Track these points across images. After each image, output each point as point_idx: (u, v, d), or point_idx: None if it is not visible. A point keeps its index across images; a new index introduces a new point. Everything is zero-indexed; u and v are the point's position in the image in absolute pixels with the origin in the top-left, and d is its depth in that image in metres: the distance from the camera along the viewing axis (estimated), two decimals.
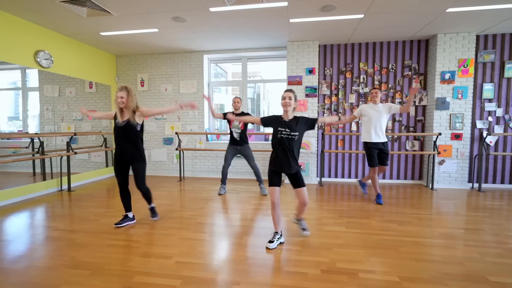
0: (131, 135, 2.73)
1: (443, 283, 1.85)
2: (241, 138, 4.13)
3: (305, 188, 2.42)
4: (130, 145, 2.75)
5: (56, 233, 2.71)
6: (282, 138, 2.34)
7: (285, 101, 2.35)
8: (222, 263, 2.12)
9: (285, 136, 2.34)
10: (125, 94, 2.68)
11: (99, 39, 4.83)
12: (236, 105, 4.17)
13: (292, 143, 2.35)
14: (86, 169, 5.53)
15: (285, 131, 2.34)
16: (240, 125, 4.10)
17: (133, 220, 3.00)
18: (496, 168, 4.70)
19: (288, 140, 2.34)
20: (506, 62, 4.53)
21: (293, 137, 2.34)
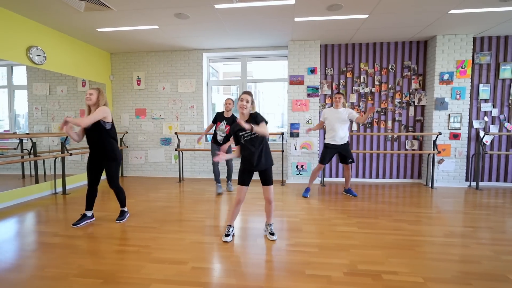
0: (99, 134, 2.72)
1: (467, 283, 1.85)
2: (224, 140, 4.12)
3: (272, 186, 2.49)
4: (99, 144, 2.75)
5: (57, 239, 2.55)
6: (246, 141, 2.38)
7: (241, 104, 2.34)
8: (241, 267, 2.05)
9: (248, 137, 2.36)
10: (95, 92, 2.70)
11: (94, 36, 4.64)
12: (228, 107, 4.12)
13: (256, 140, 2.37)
14: (79, 170, 5.29)
15: (246, 133, 2.36)
16: (226, 130, 4.08)
17: (92, 218, 3.03)
18: (492, 166, 4.83)
19: (252, 139, 2.36)
20: (501, 64, 4.66)
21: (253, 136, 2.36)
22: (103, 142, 2.76)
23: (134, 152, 5.75)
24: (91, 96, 2.70)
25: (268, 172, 2.47)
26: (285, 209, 3.46)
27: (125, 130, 5.73)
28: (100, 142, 2.76)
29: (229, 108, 4.12)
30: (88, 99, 2.69)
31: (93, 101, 2.71)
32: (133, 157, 5.77)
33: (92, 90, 2.72)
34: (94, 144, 2.78)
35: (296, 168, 5.08)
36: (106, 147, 2.78)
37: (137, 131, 5.71)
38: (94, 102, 2.71)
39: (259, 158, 2.40)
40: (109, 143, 2.78)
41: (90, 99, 2.70)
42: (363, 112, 5.05)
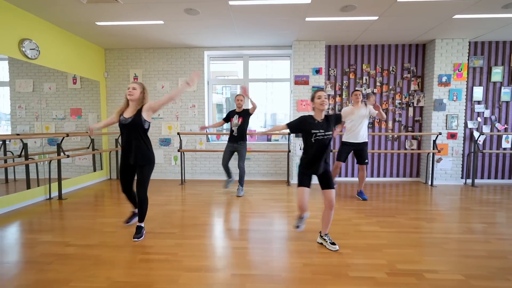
0: (138, 134, 2.47)
1: (505, 278, 1.91)
2: (239, 134, 4.03)
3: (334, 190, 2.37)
4: (138, 145, 2.47)
5: (71, 249, 2.34)
6: (318, 140, 2.27)
7: (321, 100, 2.27)
8: (282, 272, 1.98)
9: (320, 137, 2.27)
10: (138, 86, 2.46)
11: (91, 30, 4.35)
12: (239, 103, 4.07)
13: (326, 142, 2.30)
14: (69, 173, 4.94)
15: (319, 132, 2.27)
16: (239, 121, 4.04)
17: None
18: (484, 164, 5.11)
19: (323, 141, 2.28)
20: (493, 67, 4.95)
21: (327, 137, 2.29)
22: (143, 142, 2.50)
23: None
24: (134, 90, 2.42)
25: (328, 174, 2.36)
26: (293, 211, 3.42)
27: None
28: (139, 142, 2.47)
29: (241, 105, 4.07)
30: (130, 93, 2.41)
31: (135, 96, 2.43)
32: None
33: (135, 84, 2.45)
34: (131, 144, 2.46)
35: None
36: (144, 148, 2.52)
37: None
38: (137, 97, 2.44)
39: (324, 162, 2.31)
40: (148, 144, 2.55)
41: (132, 94, 2.41)
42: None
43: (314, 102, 2.33)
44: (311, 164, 2.32)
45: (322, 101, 2.27)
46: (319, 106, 2.29)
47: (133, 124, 2.42)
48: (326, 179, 2.35)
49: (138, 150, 2.47)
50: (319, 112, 2.32)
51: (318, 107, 2.30)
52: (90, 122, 5.19)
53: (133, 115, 2.44)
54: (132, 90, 2.43)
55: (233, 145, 4.10)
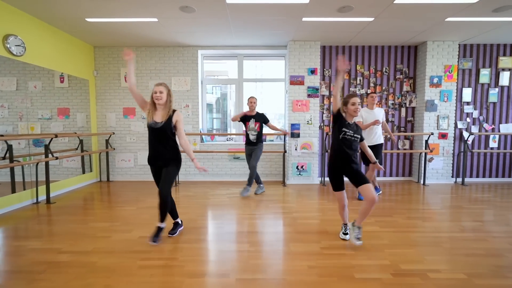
0: (169, 138, 2.43)
1: (504, 276, 1.95)
2: (257, 139, 4.08)
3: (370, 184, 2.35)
4: (168, 148, 2.44)
5: (65, 256, 2.22)
6: (345, 139, 2.34)
7: (356, 107, 2.32)
8: (288, 276, 1.95)
9: (348, 137, 2.34)
10: (165, 89, 2.37)
11: (80, 26, 4.18)
12: (252, 106, 4.04)
13: (354, 144, 2.38)
14: (56, 176, 4.74)
15: (348, 132, 2.33)
16: (256, 127, 4.03)
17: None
18: (473, 163, 5.26)
19: (351, 141, 2.36)
20: (481, 69, 5.10)
21: (355, 139, 2.37)
22: (172, 143, 2.46)
23: (121, 155, 5.31)
24: (161, 94, 2.32)
25: (359, 171, 2.38)
26: (300, 211, 3.42)
27: (111, 130, 5.27)
28: (169, 144, 2.44)
29: (253, 107, 4.05)
30: (159, 98, 2.32)
31: (163, 100, 2.35)
32: (120, 160, 5.33)
33: (161, 87, 2.35)
34: (161, 147, 2.42)
35: (297, 168, 5.07)
36: (173, 148, 2.47)
37: (125, 131, 5.28)
38: (165, 101, 2.36)
39: (353, 162, 2.37)
40: (176, 144, 2.51)
41: (160, 98, 2.32)
42: None
43: (347, 107, 2.35)
44: (341, 161, 2.37)
45: (356, 109, 2.31)
46: (353, 113, 2.34)
47: (164, 130, 2.38)
48: (357, 176, 2.36)
49: (167, 151, 2.45)
50: (350, 118, 2.39)
51: (352, 113, 2.34)
52: (78, 122, 5.00)
53: (165, 121, 2.38)
54: (159, 94, 2.33)
55: (251, 148, 4.12)
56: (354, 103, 2.31)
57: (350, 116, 2.38)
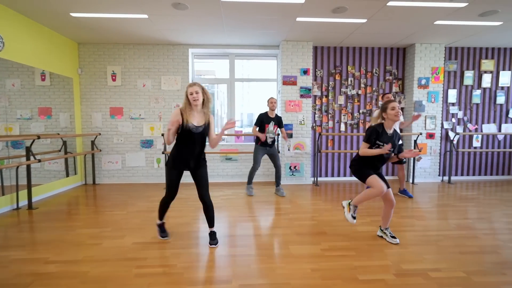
0: (204, 141, 2.35)
1: (501, 272, 2.00)
2: (272, 142, 4.08)
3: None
4: (200, 152, 2.35)
5: (53, 267, 2.08)
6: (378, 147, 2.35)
7: (396, 111, 2.29)
8: (291, 280, 1.90)
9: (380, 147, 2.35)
10: (200, 89, 2.24)
11: (64, 22, 3.97)
12: (273, 106, 4.03)
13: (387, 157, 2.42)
14: (38, 180, 4.47)
15: (382, 145, 2.31)
16: (275, 130, 4.03)
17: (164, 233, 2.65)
18: (458, 162, 5.45)
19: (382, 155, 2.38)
20: (465, 72, 5.29)
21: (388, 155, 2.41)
22: (204, 146, 2.36)
23: (108, 157, 5.09)
24: (198, 95, 2.19)
25: (382, 176, 2.48)
26: (296, 212, 3.39)
27: (98, 131, 5.04)
28: (203, 148, 2.35)
29: (274, 108, 4.02)
30: (196, 99, 2.18)
31: (201, 101, 2.23)
32: (107, 162, 5.11)
33: (197, 87, 2.20)
34: (197, 150, 2.30)
35: (290, 169, 5.06)
36: (204, 153, 2.39)
37: (112, 132, 5.07)
38: (201, 101, 2.24)
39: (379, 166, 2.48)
40: (204, 149, 2.41)
41: (197, 99, 2.19)
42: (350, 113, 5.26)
43: (387, 113, 2.32)
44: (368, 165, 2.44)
45: (397, 112, 2.28)
46: (394, 118, 2.31)
47: (204, 134, 2.30)
48: (382, 180, 2.41)
49: (200, 155, 2.36)
50: (391, 123, 2.35)
51: (393, 118, 2.31)
52: (61, 122, 4.75)
53: (204, 124, 2.28)
54: (196, 94, 2.19)
55: (266, 149, 4.07)
56: (394, 108, 2.29)
57: (391, 122, 2.34)
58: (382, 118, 2.37)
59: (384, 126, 2.37)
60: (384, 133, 2.35)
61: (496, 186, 4.86)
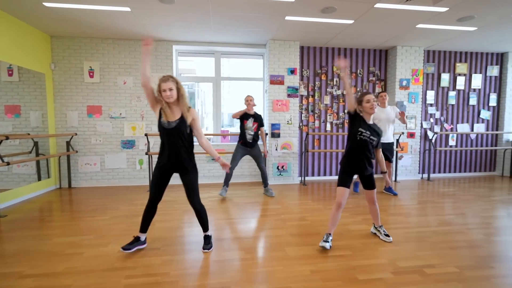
0: (184, 139, 2.15)
1: (490, 266, 2.08)
2: (253, 139, 3.96)
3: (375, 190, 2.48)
4: (183, 151, 2.16)
5: (29, 282, 1.87)
6: (361, 140, 2.29)
7: (371, 104, 2.27)
8: (292, 283, 1.85)
9: (364, 138, 2.29)
10: (174, 84, 2.07)
11: (35, 11, 3.65)
12: (250, 104, 3.93)
13: (369, 145, 2.34)
14: (5, 184, 4.10)
15: (365, 133, 2.28)
16: (254, 127, 3.91)
17: (144, 244, 2.37)
18: (435, 160, 5.72)
19: (366, 142, 2.31)
20: (442, 74, 5.56)
21: (371, 141, 2.33)
22: (188, 147, 2.20)
23: (85, 158, 4.77)
24: (171, 92, 2.03)
25: (372, 176, 2.45)
26: (287, 212, 3.36)
27: (73, 131, 4.71)
28: (184, 148, 2.16)
29: (250, 105, 3.91)
30: (169, 96, 2.03)
31: (174, 98, 2.06)
32: (84, 164, 4.79)
33: (170, 82, 2.04)
34: (176, 149, 2.13)
35: (277, 169, 5.03)
36: (190, 153, 2.20)
37: (90, 132, 4.76)
38: (175, 98, 2.07)
39: (368, 164, 2.38)
40: (192, 148, 2.24)
41: (172, 96, 2.04)
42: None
43: (362, 106, 2.30)
44: (355, 162, 2.35)
45: (372, 105, 2.26)
46: (369, 111, 2.28)
47: (179, 130, 2.10)
48: (369, 180, 2.45)
49: (183, 156, 2.17)
50: (368, 116, 2.33)
51: (368, 111, 2.29)
52: (32, 121, 4.38)
53: (178, 119, 2.11)
54: (169, 92, 2.03)
55: (247, 149, 3.96)
56: (369, 100, 2.27)
57: (368, 115, 2.33)
58: (359, 111, 2.36)
59: (366, 119, 2.35)
60: (363, 122, 2.32)
61: (470, 182, 5.15)
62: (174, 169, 2.22)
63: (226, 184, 4.04)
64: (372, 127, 2.33)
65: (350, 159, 2.38)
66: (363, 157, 2.34)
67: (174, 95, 2.07)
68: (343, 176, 2.39)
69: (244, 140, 3.92)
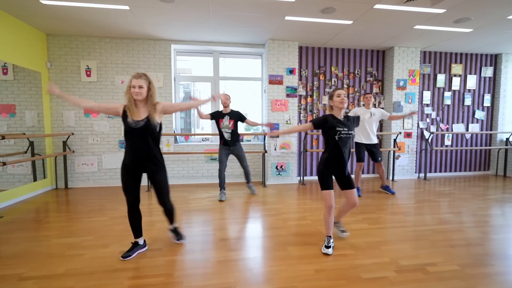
0: (151, 139, 2.10)
1: (489, 264, 2.12)
2: (232, 138, 3.87)
3: (355, 189, 2.39)
4: (149, 151, 2.12)
5: (30, 284, 1.84)
6: (341, 138, 2.25)
7: (341, 99, 2.25)
8: (297, 283, 1.86)
9: (344, 135, 2.25)
10: (145, 82, 2.04)
11: (32, 9, 3.59)
12: (226, 103, 3.86)
13: (349, 141, 2.30)
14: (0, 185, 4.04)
15: (343, 130, 2.25)
16: (230, 124, 3.84)
17: (144, 247, 2.34)
18: (432, 159, 5.79)
19: (346, 139, 2.27)
20: (438, 75, 5.63)
21: (350, 136, 2.29)
22: (156, 147, 2.16)
23: (82, 158, 4.71)
24: (141, 89, 1.99)
25: (350, 177, 2.37)
26: (288, 212, 3.37)
27: (70, 131, 4.64)
28: (153, 148, 2.12)
29: (227, 104, 3.85)
30: (138, 93, 1.99)
31: (144, 96, 2.02)
32: (81, 164, 4.72)
33: (141, 80, 2.01)
34: (143, 149, 2.09)
35: (276, 168, 5.04)
36: (158, 153, 2.17)
37: (87, 132, 4.70)
38: (145, 96, 2.04)
39: (346, 162, 2.31)
40: (159, 149, 2.20)
41: (140, 94, 2.00)
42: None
43: (333, 100, 2.28)
44: (336, 163, 2.29)
45: (342, 99, 2.24)
46: (339, 105, 2.26)
47: (146, 129, 2.05)
48: (347, 180, 2.35)
49: (151, 156, 2.13)
50: (338, 110, 2.30)
51: (338, 105, 2.26)
52: (27, 121, 4.30)
53: (145, 118, 2.06)
54: (139, 89, 2.00)
55: (229, 148, 3.91)
56: (339, 95, 2.24)
57: (338, 110, 2.28)
58: (331, 107, 2.34)
59: (334, 115, 2.31)
60: (335, 119, 2.27)
61: (465, 181, 5.23)
62: (143, 169, 2.18)
63: (222, 187, 3.97)
64: (343, 122, 2.28)
65: (331, 163, 2.29)
66: (344, 157, 2.28)
67: (144, 93, 2.03)
68: (325, 179, 2.31)
69: (224, 139, 3.89)
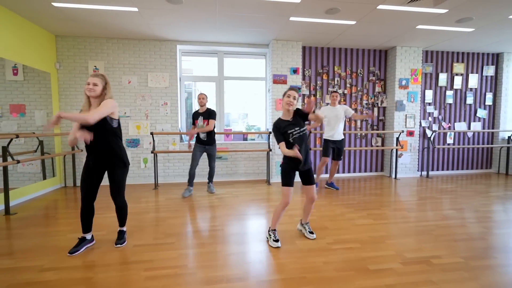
0: (109, 134, 2.18)
1: (492, 256, 2.19)
2: (208, 138, 4.00)
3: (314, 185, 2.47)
4: (108, 147, 2.20)
5: (51, 274, 1.92)
6: (295, 139, 2.27)
7: (289, 100, 2.25)
8: (307, 274, 1.93)
9: (297, 135, 2.28)
10: (100, 81, 2.13)
11: (43, 12, 3.68)
12: (201, 102, 3.96)
13: (304, 137, 2.33)
14: (10, 183, 4.11)
15: (295, 131, 2.28)
16: (205, 124, 3.93)
17: (92, 242, 2.41)
18: (434, 157, 5.86)
19: (300, 137, 2.29)
20: (440, 74, 5.70)
21: (303, 133, 2.30)
22: (109, 144, 2.20)
23: None
24: (95, 87, 2.10)
25: (311, 171, 2.42)
26: (294, 208, 3.44)
27: None
28: (106, 144, 2.19)
29: (203, 103, 3.96)
30: (92, 90, 2.09)
31: (97, 93, 2.12)
32: None
33: (96, 78, 2.12)
34: (96, 148, 2.18)
35: (280, 166, 5.09)
36: (113, 150, 2.23)
37: None
38: (99, 94, 2.13)
39: (306, 158, 2.33)
40: (116, 145, 2.25)
41: (93, 90, 2.10)
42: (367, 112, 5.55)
43: (283, 99, 2.31)
44: (295, 160, 2.29)
45: (289, 102, 2.24)
46: (285, 105, 2.28)
47: (100, 125, 2.11)
48: (308, 175, 2.41)
49: (107, 152, 2.21)
50: (286, 111, 2.30)
51: (284, 105, 2.29)
52: (37, 120, 4.39)
53: None
54: (93, 86, 2.09)
55: (205, 147, 4.02)
56: (289, 95, 2.25)
57: (285, 111, 2.30)
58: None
59: (282, 117, 2.33)
60: (284, 123, 2.29)
61: (468, 179, 5.29)
62: (102, 166, 2.25)
63: (191, 184, 4.03)
64: (293, 122, 2.28)
65: (292, 159, 2.30)
66: (303, 152, 2.29)
67: (97, 91, 2.10)
68: (287, 176, 2.35)
69: (199, 138, 4.00)
